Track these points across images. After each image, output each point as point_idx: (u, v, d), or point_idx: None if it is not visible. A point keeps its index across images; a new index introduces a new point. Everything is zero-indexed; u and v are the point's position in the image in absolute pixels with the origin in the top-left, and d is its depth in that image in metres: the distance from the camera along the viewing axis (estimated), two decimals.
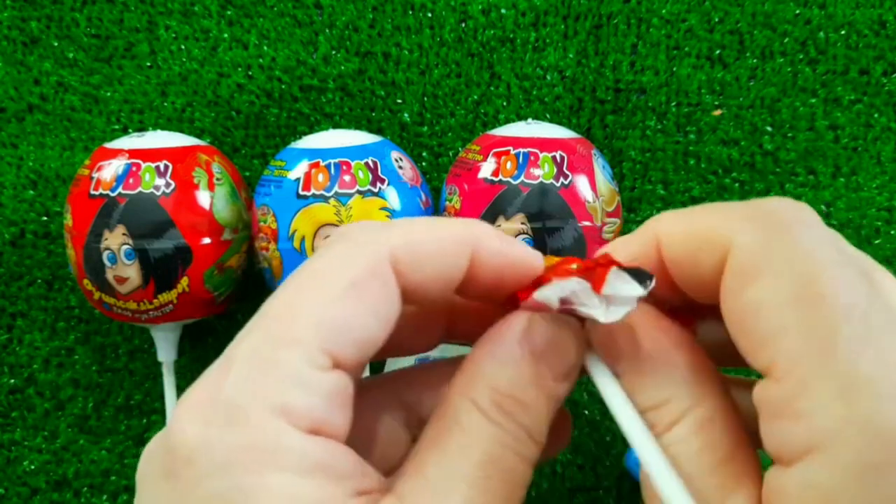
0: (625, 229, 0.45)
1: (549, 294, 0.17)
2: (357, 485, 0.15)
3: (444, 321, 0.21)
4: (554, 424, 0.18)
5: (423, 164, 0.47)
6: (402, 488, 0.16)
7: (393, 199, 0.38)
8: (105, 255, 0.38)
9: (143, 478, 0.16)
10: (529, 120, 0.42)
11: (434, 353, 0.39)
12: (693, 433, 0.17)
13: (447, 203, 0.40)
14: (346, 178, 0.38)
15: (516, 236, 0.37)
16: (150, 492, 0.15)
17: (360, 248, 0.16)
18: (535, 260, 0.18)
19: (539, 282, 0.18)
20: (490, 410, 0.16)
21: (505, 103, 0.47)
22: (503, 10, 0.47)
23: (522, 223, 0.37)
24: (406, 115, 0.47)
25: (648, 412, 0.17)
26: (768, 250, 0.15)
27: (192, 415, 0.15)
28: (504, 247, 0.18)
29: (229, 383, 0.15)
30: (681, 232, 0.18)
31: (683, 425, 0.17)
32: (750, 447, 0.17)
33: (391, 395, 0.20)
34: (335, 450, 0.15)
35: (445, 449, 0.16)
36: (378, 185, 0.38)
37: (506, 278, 0.18)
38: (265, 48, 0.47)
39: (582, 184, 0.38)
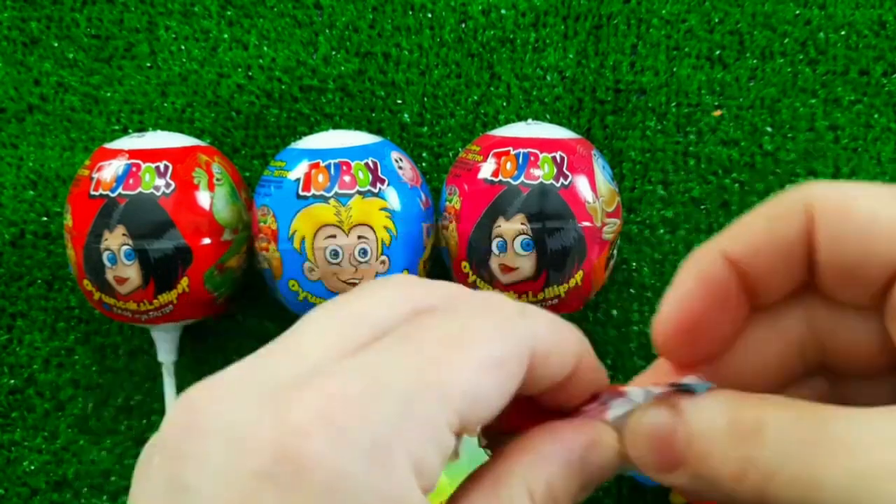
0: (625, 230, 0.45)
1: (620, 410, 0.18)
2: None
3: None
4: None
5: (423, 164, 0.47)
6: None
7: (393, 199, 0.38)
8: (105, 255, 0.38)
9: (210, 449, 0.13)
10: (529, 120, 0.42)
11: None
12: (780, 404, 0.16)
13: (447, 203, 0.40)
14: (346, 178, 0.38)
15: (516, 237, 0.37)
16: (220, 480, 0.13)
17: (515, 329, 0.16)
18: (604, 381, 0.19)
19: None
20: (541, 500, 0.17)
21: (505, 104, 0.47)
22: (503, 11, 0.47)
23: (522, 224, 0.37)
24: (406, 115, 0.47)
25: (731, 429, 0.17)
26: (851, 187, 0.15)
27: (330, 430, 0.13)
28: (599, 367, 0.19)
29: (380, 413, 0.13)
30: (758, 215, 0.17)
31: (767, 410, 0.17)
32: None
33: None
34: None
35: None
36: (378, 185, 0.38)
37: (583, 395, 0.19)
38: (265, 48, 0.47)
39: (582, 184, 0.38)
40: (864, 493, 0.14)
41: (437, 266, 0.43)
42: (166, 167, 0.38)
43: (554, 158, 0.38)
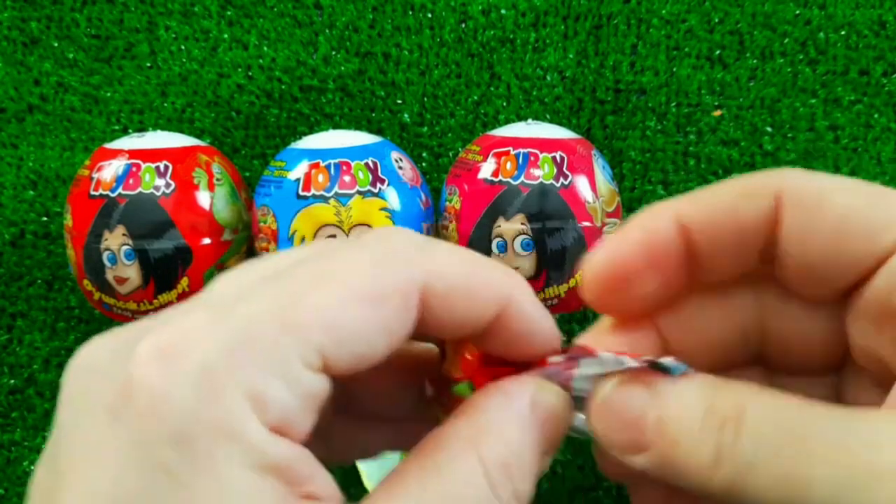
0: None
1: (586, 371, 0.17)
2: (307, 490, 0.14)
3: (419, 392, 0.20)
4: None
5: (423, 164, 0.47)
6: None
7: (393, 199, 0.38)
8: (105, 255, 0.38)
9: (75, 396, 0.14)
10: (529, 120, 0.42)
11: (372, 462, 0.39)
12: (762, 392, 0.16)
13: (447, 203, 0.40)
14: (346, 178, 0.38)
15: (516, 237, 0.37)
16: (82, 418, 0.14)
17: (394, 260, 0.15)
18: (556, 341, 0.17)
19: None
20: (494, 472, 0.15)
21: (505, 104, 0.47)
22: (503, 11, 0.47)
23: (522, 224, 0.37)
24: (406, 115, 0.47)
25: (707, 416, 0.16)
26: (824, 179, 0.15)
27: (164, 359, 0.13)
28: (535, 314, 0.17)
29: (215, 341, 0.13)
30: (722, 193, 0.17)
31: (748, 396, 0.16)
32: None
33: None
34: (295, 454, 0.14)
35: (430, 490, 0.15)
36: (378, 185, 0.38)
37: (522, 346, 0.17)
38: (265, 48, 0.47)
39: (582, 184, 0.38)
40: (857, 493, 0.13)
41: None
42: (166, 167, 0.38)
43: (554, 158, 0.38)
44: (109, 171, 0.38)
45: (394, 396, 0.21)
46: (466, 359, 0.18)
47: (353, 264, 0.15)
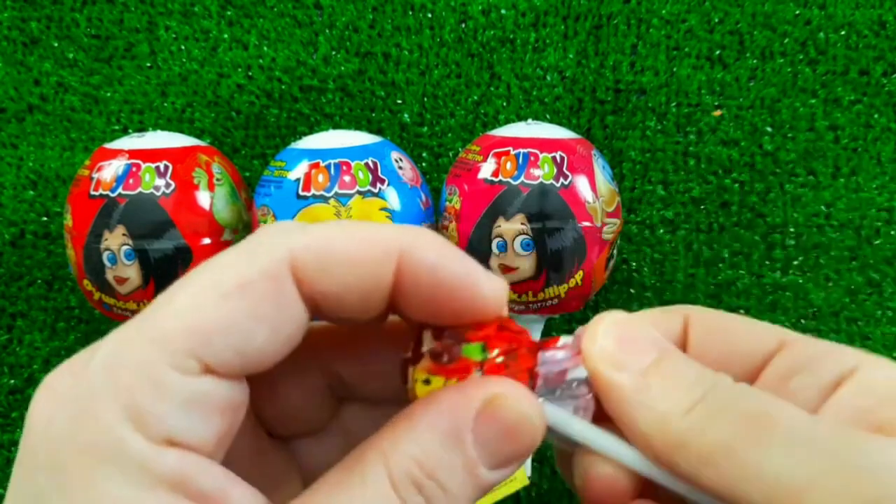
0: (625, 230, 0.45)
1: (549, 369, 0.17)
2: (213, 501, 0.14)
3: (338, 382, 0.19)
4: None
5: (423, 164, 0.47)
6: None
7: (393, 199, 0.38)
8: (105, 255, 0.38)
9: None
10: (529, 120, 0.42)
11: None
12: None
13: (447, 203, 0.40)
14: (346, 178, 0.38)
15: (516, 237, 0.37)
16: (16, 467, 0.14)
17: (257, 248, 0.15)
18: (481, 285, 0.16)
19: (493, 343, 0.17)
20: (401, 484, 0.15)
21: (505, 104, 0.47)
22: (503, 11, 0.47)
23: (522, 223, 0.37)
24: (406, 115, 0.47)
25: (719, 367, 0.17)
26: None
27: (49, 394, 0.14)
28: (442, 261, 0.15)
29: (92, 368, 0.14)
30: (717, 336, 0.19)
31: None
32: None
33: (313, 361, 0.19)
34: (189, 463, 0.14)
35: (341, 500, 0.14)
36: (378, 185, 0.38)
37: (440, 299, 0.16)
38: (265, 48, 0.47)
39: (582, 184, 0.38)
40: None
41: None
42: (166, 167, 0.38)
43: (554, 158, 0.38)
44: (109, 171, 0.38)
45: (389, 375, 0.20)
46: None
47: (215, 264, 0.15)
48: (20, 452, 0.14)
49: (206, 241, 0.39)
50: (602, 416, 0.17)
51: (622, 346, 0.17)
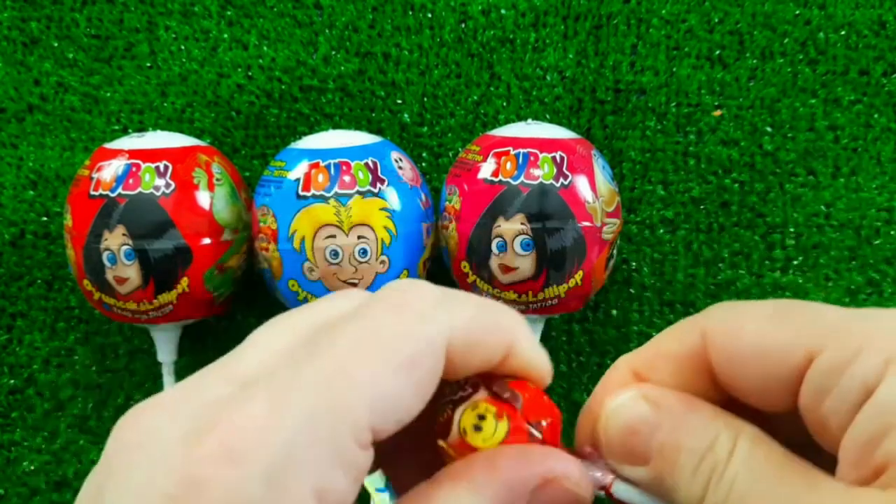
0: (625, 230, 0.45)
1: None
2: None
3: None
4: None
5: (423, 164, 0.47)
6: None
7: (393, 199, 0.38)
8: (105, 255, 0.38)
9: (125, 470, 0.14)
10: (529, 120, 0.42)
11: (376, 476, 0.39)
12: (754, 446, 0.16)
13: (447, 203, 0.40)
14: (346, 178, 0.38)
15: (516, 237, 0.37)
16: (134, 499, 0.14)
17: (423, 324, 0.16)
18: (548, 376, 0.18)
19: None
20: None
21: (505, 103, 0.47)
22: (503, 11, 0.47)
23: (522, 224, 0.37)
24: (406, 115, 0.47)
25: (706, 457, 0.17)
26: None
27: (232, 460, 0.13)
28: (534, 351, 0.18)
29: (279, 440, 0.14)
30: (749, 340, 0.17)
31: (741, 446, 0.16)
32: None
33: None
34: None
35: None
36: (378, 185, 0.38)
37: (518, 374, 0.18)
38: (265, 48, 0.47)
39: (582, 184, 0.38)
40: None
41: (437, 266, 0.43)
42: (166, 167, 0.38)
43: (554, 158, 0.38)
44: (109, 171, 0.38)
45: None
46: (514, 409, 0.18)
47: (388, 330, 0.15)
48: (175, 494, 0.13)
49: (206, 241, 0.39)
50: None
51: (630, 439, 0.17)
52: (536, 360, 0.18)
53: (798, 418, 0.17)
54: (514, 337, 0.17)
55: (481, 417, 0.17)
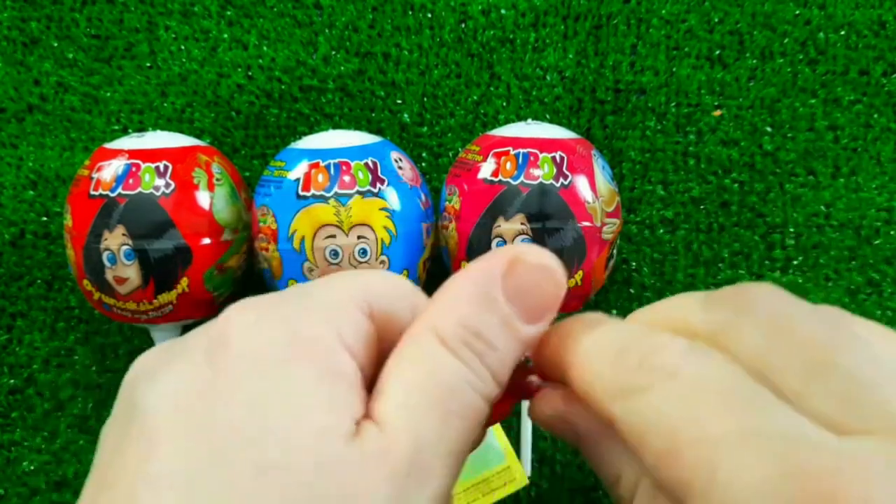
0: (625, 230, 0.45)
1: None
2: (357, 412, 0.16)
3: None
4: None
5: (423, 164, 0.47)
6: (381, 413, 0.16)
7: (392, 199, 0.38)
8: (105, 255, 0.38)
9: (189, 350, 0.17)
10: (529, 120, 0.42)
11: None
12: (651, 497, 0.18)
13: (447, 203, 0.40)
14: (346, 178, 0.38)
15: (516, 237, 0.37)
16: (186, 367, 0.16)
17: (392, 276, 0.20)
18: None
19: None
20: (455, 346, 0.17)
21: (505, 103, 0.47)
22: (503, 11, 0.47)
23: (522, 224, 0.37)
24: (406, 115, 0.47)
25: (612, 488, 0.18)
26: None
27: (246, 311, 0.17)
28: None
29: (289, 302, 0.17)
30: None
31: (641, 494, 0.18)
32: None
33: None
34: (359, 374, 0.17)
35: (412, 377, 0.17)
36: (378, 185, 0.38)
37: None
38: (265, 48, 0.47)
39: (582, 184, 0.38)
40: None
41: (437, 266, 0.43)
42: (166, 167, 0.38)
43: (554, 158, 0.38)
44: (109, 171, 0.38)
45: None
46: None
47: (360, 273, 0.19)
48: (211, 348, 0.16)
49: (206, 241, 0.39)
50: None
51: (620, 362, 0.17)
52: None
53: None
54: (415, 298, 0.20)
55: None
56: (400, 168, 0.39)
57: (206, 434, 0.15)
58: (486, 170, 0.38)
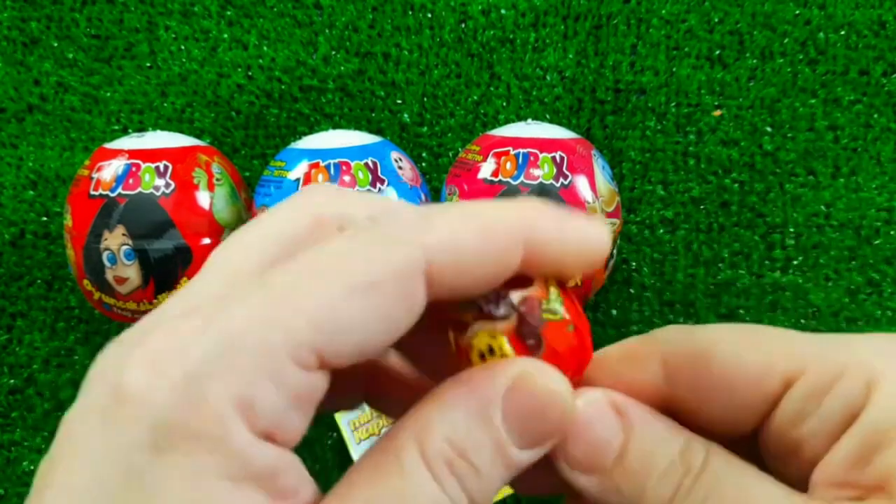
0: (625, 230, 0.45)
1: None
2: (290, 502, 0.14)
3: (365, 380, 0.19)
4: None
5: (423, 164, 0.47)
6: None
7: (393, 199, 0.38)
8: (105, 255, 0.38)
9: (80, 399, 0.14)
10: (529, 120, 0.42)
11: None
12: (730, 457, 0.16)
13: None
14: (346, 178, 0.38)
15: None
16: (81, 417, 0.14)
17: (390, 246, 0.14)
18: (599, 241, 0.16)
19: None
20: (435, 464, 0.15)
21: (505, 103, 0.47)
22: (503, 11, 0.47)
23: None
24: (406, 115, 0.47)
25: (677, 462, 0.16)
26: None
27: (152, 366, 0.13)
28: (563, 228, 0.16)
29: (204, 348, 0.13)
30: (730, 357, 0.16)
31: (718, 453, 0.16)
32: None
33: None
34: (281, 461, 0.14)
35: (380, 487, 0.14)
36: (378, 185, 0.38)
37: (568, 264, 0.16)
38: (265, 48, 0.47)
39: (582, 184, 0.38)
40: None
41: None
42: (166, 167, 0.38)
43: (554, 158, 0.38)
44: (109, 171, 0.38)
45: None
46: (568, 300, 0.17)
47: (344, 254, 0.14)
48: (104, 405, 0.13)
49: (206, 241, 0.39)
50: None
51: (581, 441, 0.16)
52: (572, 246, 0.16)
53: (744, 443, 0.17)
54: (527, 233, 0.15)
55: (491, 351, 0.16)
56: (400, 168, 0.39)
57: None
58: (486, 170, 0.38)
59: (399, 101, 0.47)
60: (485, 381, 0.15)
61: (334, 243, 0.15)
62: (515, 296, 0.16)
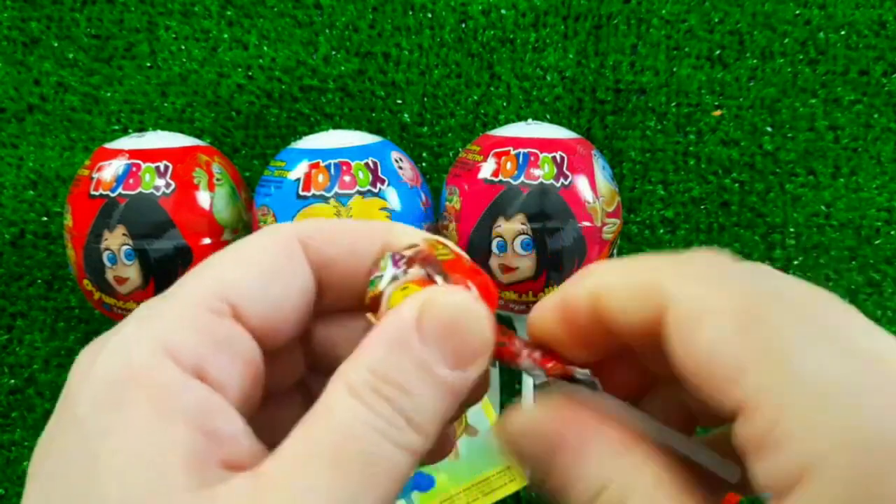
0: (625, 230, 0.45)
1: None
2: (226, 453, 0.15)
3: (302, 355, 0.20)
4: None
5: (423, 164, 0.47)
6: (265, 465, 0.15)
7: (393, 199, 0.38)
8: (105, 255, 0.38)
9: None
10: (529, 120, 0.42)
11: None
12: (652, 492, 0.16)
13: (447, 203, 0.40)
14: (347, 178, 0.38)
15: (516, 237, 0.37)
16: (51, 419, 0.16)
17: (270, 228, 0.18)
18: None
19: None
20: (362, 391, 0.15)
21: (505, 103, 0.47)
22: (503, 11, 0.47)
23: (522, 223, 0.37)
24: (406, 115, 0.47)
25: (602, 494, 0.17)
26: (703, 295, 0.16)
27: (90, 350, 0.16)
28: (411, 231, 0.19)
29: (127, 324, 0.16)
30: (620, 286, 0.18)
31: (639, 491, 0.16)
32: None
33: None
34: (211, 401, 0.15)
35: (311, 428, 0.15)
36: (378, 185, 0.38)
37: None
38: (265, 48, 0.47)
39: (582, 184, 0.38)
40: None
41: None
42: (166, 167, 0.38)
43: (554, 158, 0.38)
44: (109, 171, 0.38)
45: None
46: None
47: (238, 245, 0.18)
48: (64, 401, 0.15)
49: (206, 241, 0.39)
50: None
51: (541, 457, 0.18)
52: (414, 235, 0.19)
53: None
54: (383, 233, 0.19)
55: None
56: (400, 168, 0.39)
57: (45, 496, 0.14)
58: (486, 170, 0.38)
59: (399, 101, 0.47)
60: (394, 315, 0.17)
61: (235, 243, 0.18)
62: (408, 252, 0.18)
